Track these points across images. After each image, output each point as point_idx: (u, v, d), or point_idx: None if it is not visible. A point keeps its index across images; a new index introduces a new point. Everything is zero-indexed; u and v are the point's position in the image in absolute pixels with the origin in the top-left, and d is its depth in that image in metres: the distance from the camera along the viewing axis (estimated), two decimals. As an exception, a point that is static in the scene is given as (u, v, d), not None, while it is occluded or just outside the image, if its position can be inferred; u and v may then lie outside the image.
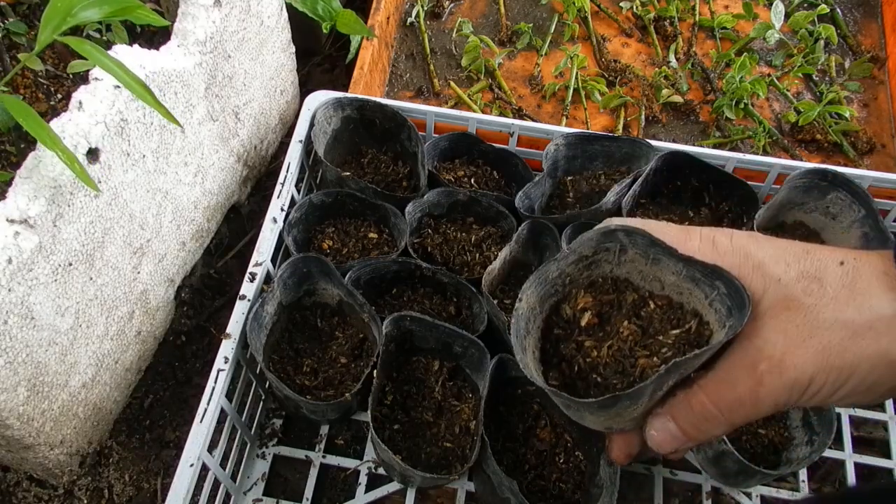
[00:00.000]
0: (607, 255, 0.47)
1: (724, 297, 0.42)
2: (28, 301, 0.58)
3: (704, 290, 0.44)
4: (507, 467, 0.70)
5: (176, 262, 0.83)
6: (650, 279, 0.47)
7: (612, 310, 0.47)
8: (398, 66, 1.13)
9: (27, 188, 0.57)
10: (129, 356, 0.78)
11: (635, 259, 0.46)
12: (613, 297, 0.48)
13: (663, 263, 0.45)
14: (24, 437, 0.65)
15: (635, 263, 0.47)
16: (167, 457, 0.79)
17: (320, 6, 0.99)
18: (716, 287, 0.43)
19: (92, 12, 0.59)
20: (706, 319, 0.44)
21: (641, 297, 0.47)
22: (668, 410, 0.44)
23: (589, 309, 0.47)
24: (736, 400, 0.41)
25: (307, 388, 0.73)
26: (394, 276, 0.80)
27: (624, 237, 0.46)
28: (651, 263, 0.46)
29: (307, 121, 0.85)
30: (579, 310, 0.48)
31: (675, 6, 1.18)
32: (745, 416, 0.42)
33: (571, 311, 0.48)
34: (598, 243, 0.46)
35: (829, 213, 0.82)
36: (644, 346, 0.45)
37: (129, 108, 0.64)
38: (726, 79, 1.08)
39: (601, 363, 0.46)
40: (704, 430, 0.43)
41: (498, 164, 0.90)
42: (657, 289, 0.47)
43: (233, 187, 0.91)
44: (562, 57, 1.11)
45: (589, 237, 0.46)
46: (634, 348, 0.45)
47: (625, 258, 0.47)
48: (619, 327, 0.46)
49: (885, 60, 1.16)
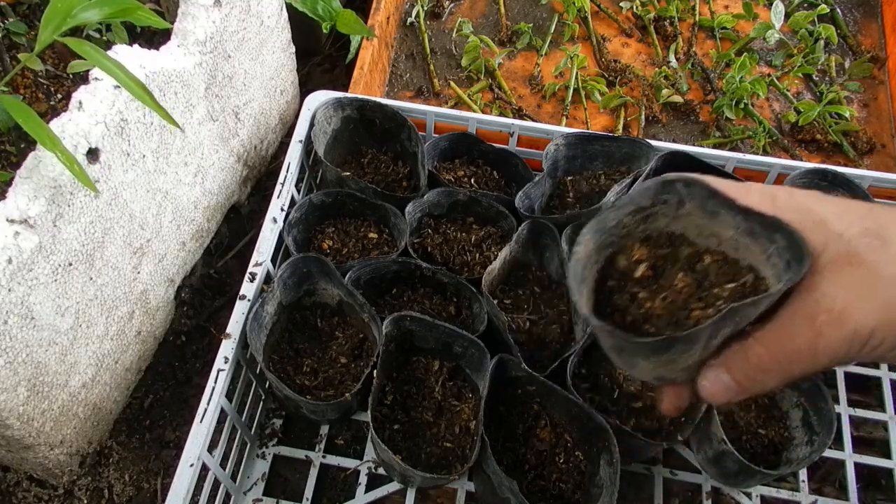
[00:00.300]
0: (665, 207, 0.46)
1: (782, 250, 0.42)
2: (28, 301, 0.58)
3: (762, 245, 0.43)
4: (507, 467, 0.70)
5: (176, 262, 0.83)
6: (706, 235, 0.46)
7: (667, 263, 0.47)
8: (398, 66, 1.13)
9: (27, 188, 0.57)
10: (129, 356, 0.78)
11: (693, 212, 0.46)
12: (668, 251, 0.47)
13: (721, 217, 0.45)
14: (24, 437, 0.65)
15: (692, 217, 0.46)
16: (167, 457, 0.79)
17: (320, 6, 0.99)
18: (775, 240, 0.42)
19: (92, 13, 0.59)
20: (763, 275, 0.44)
21: (697, 251, 0.47)
22: (722, 362, 0.44)
23: (644, 261, 0.47)
24: (794, 351, 0.41)
25: (307, 388, 0.73)
26: (394, 276, 0.80)
27: (683, 188, 0.45)
28: (709, 217, 0.45)
29: (307, 121, 0.85)
30: (634, 262, 0.47)
31: (675, 6, 1.18)
32: (802, 368, 0.42)
33: (626, 263, 0.48)
34: (657, 194, 0.46)
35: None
36: (699, 298, 0.45)
37: (129, 108, 0.64)
38: (726, 79, 1.08)
39: (654, 314, 0.46)
40: (759, 382, 0.43)
41: (498, 164, 0.90)
42: (713, 245, 0.46)
43: (233, 187, 0.91)
44: (562, 57, 1.11)
45: (647, 186, 0.46)
46: (689, 300, 0.45)
47: (682, 211, 0.46)
48: (673, 280, 0.46)
49: (885, 60, 1.16)
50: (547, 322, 0.78)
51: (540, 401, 0.73)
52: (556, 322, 0.77)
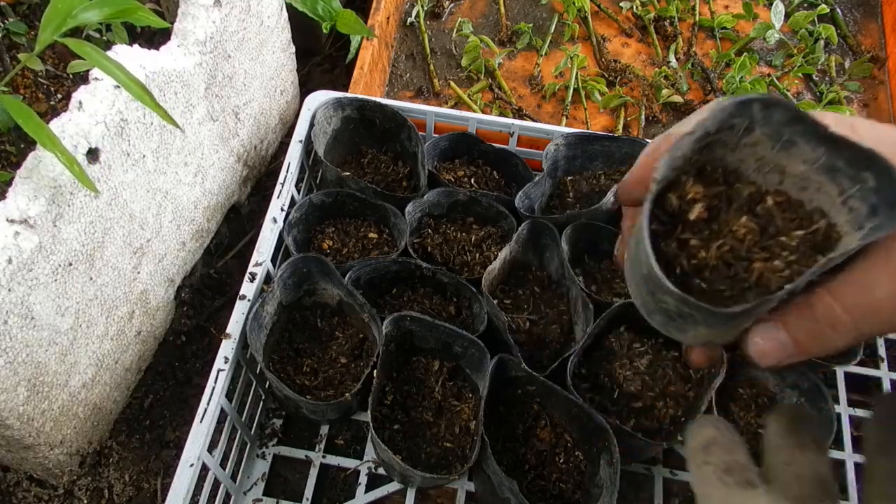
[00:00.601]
0: (729, 133, 0.40)
1: (869, 192, 0.36)
2: (28, 301, 0.58)
3: (842, 184, 0.38)
4: (507, 467, 0.70)
5: (176, 262, 0.83)
6: (767, 170, 0.40)
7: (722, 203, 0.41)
8: (398, 66, 1.13)
9: (27, 188, 0.57)
10: (129, 356, 0.78)
11: (759, 142, 0.40)
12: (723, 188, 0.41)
13: (797, 148, 0.39)
14: (24, 437, 0.65)
15: (756, 148, 0.40)
16: (167, 457, 0.79)
17: (320, 6, 0.99)
18: (862, 179, 0.37)
19: (92, 14, 0.59)
20: (834, 221, 0.39)
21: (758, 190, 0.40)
22: (779, 317, 0.39)
23: (699, 200, 0.41)
24: (871, 304, 0.36)
25: (307, 388, 0.73)
26: (394, 276, 0.80)
27: (759, 111, 0.39)
28: (779, 148, 0.39)
29: (307, 121, 0.85)
30: (688, 200, 0.41)
31: (675, 6, 1.18)
32: (878, 324, 0.37)
33: (678, 202, 0.41)
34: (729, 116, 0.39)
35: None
36: (763, 247, 0.39)
37: (129, 108, 0.64)
38: (726, 79, 1.08)
39: (708, 266, 0.40)
40: (825, 339, 0.38)
41: (498, 164, 0.90)
42: (773, 182, 0.40)
43: (233, 187, 0.91)
44: (562, 57, 1.11)
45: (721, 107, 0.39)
46: (752, 249, 0.39)
47: (746, 140, 0.40)
48: (731, 225, 0.40)
49: (885, 60, 1.16)
50: (547, 322, 0.78)
51: (540, 401, 0.73)
52: (556, 322, 0.77)
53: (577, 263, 0.82)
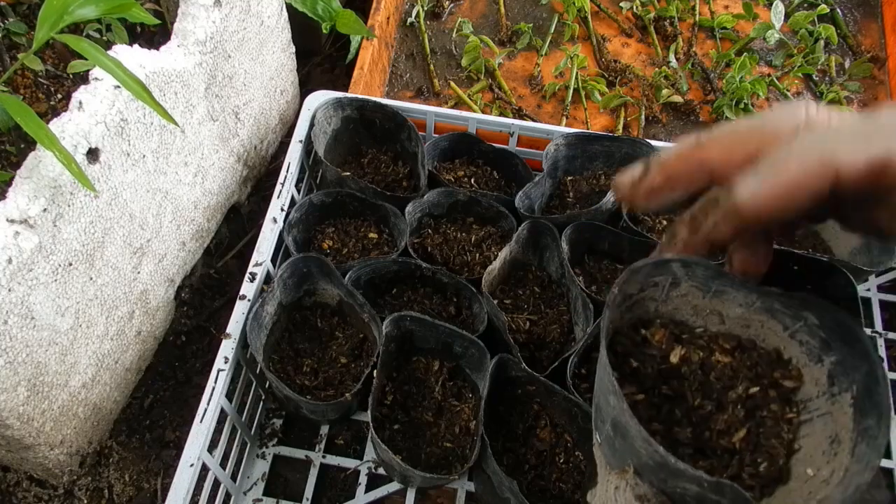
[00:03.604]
0: (654, 290, 0.40)
1: (814, 327, 0.36)
2: (28, 301, 0.58)
3: (784, 322, 0.38)
4: (507, 467, 0.70)
5: (176, 262, 0.83)
6: (706, 313, 0.40)
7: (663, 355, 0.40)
8: (398, 66, 1.13)
9: (27, 188, 0.57)
10: (129, 356, 0.78)
11: (689, 292, 0.40)
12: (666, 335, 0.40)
13: (729, 295, 0.39)
14: (24, 437, 0.65)
15: (688, 297, 0.40)
16: (167, 457, 0.79)
17: (320, 6, 0.99)
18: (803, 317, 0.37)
19: (88, 10, 0.59)
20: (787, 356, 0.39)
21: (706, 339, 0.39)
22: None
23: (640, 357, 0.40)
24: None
25: (307, 388, 0.73)
26: (394, 276, 0.80)
27: (680, 269, 0.39)
28: (711, 297, 0.39)
29: (307, 121, 0.85)
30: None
31: (675, 6, 1.18)
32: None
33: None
34: (647, 277, 0.39)
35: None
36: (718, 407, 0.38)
37: (129, 108, 0.64)
38: (726, 79, 1.08)
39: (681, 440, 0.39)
40: None
41: (498, 164, 0.90)
42: (714, 324, 0.40)
43: (233, 187, 0.91)
44: (562, 57, 1.11)
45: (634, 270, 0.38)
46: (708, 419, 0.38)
47: (675, 293, 0.40)
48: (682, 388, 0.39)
49: (885, 60, 1.16)
50: (547, 322, 0.78)
51: (540, 401, 0.73)
52: (556, 322, 0.77)
53: (577, 263, 0.82)
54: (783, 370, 0.39)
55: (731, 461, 0.37)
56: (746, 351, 0.39)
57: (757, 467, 0.37)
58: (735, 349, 0.40)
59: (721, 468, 0.37)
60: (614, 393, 0.34)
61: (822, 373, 0.37)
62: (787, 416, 0.38)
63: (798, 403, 0.38)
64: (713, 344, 0.40)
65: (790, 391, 0.38)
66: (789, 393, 0.38)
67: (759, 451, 0.37)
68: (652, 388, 0.39)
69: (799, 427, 0.38)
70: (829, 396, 0.37)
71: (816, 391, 0.37)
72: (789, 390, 0.38)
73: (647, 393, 0.39)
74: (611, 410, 0.36)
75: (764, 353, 0.39)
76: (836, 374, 0.36)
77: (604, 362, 0.36)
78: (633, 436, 0.34)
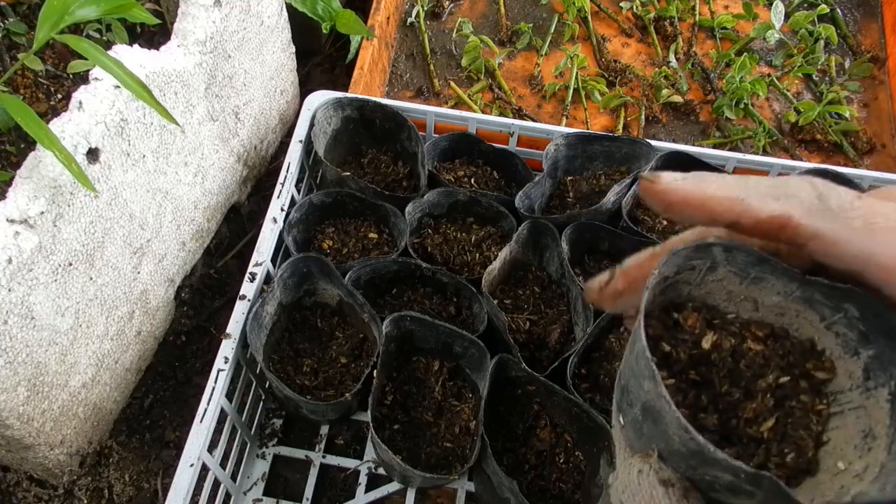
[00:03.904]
0: (690, 274, 0.39)
1: (854, 320, 0.36)
2: (28, 301, 0.58)
3: (823, 312, 0.37)
4: (507, 467, 0.70)
5: (176, 262, 0.83)
6: (739, 300, 0.39)
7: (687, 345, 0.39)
8: (398, 66, 1.13)
9: (27, 188, 0.57)
10: (129, 356, 0.78)
11: (725, 277, 0.38)
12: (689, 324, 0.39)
13: (768, 282, 0.38)
14: (24, 437, 0.65)
15: (723, 282, 0.39)
16: (167, 457, 0.79)
17: (320, 6, 0.99)
18: (844, 309, 0.36)
19: (88, 10, 0.59)
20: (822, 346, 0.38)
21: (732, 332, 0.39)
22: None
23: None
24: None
25: (307, 388, 0.73)
26: (394, 276, 0.80)
27: (721, 254, 0.37)
28: (748, 283, 0.38)
29: (307, 121, 0.85)
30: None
31: (675, 6, 1.18)
32: None
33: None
34: (686, 260, 0.38)
35: (830, 213, 0.82)
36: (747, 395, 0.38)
37: (129, 108, 0.64)
38: (726, 79, 1.08)
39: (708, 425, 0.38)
40: None
41: (498, 164, 0.90)
42: (747, 311, 0.39)
43: (233, 187, 0.91)
44: (562, 57, 1.11)
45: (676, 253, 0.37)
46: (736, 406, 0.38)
47: (711, 277, 0.39)
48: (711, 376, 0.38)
49: (885, 60, 1.16)
50: (547, 322, 0.78)
51: (540, 401, 0.73)
52: (556, 322, 0.77)
53: (577, 263, 0.82)
54: (816, 361, 0.38)
55: (757, 450, 0.37)
56: (779, 340, 0.39)
57: (784, 457, 0.37)
58: (767, 337, 0.39)
59: (747, 456, 0.37)
60: (651, 378, 0.34)
61: (857, 366, 0.36)
62: (816, 407, 0.38)
63: (829, 395, 0.38)
64: (745, 331, 0.39)
65: (821, 382, 0.38)
66: (820, 384, 0.38)
67: (787, 442, 0.37)
68: (680, 372, 0.39)
69: (829, 419, 0.37)
70: (864, 391, 0.36)
71: (850, 384, 0.37)
72: (820, 381, 0.38)
73: (675, 377, 0.39)
74: (643, 394, 0.35)
75: (797, 343, 0.39)
76: (872, 367, 0.35)
77: (642, 346, 0.35)
78: (667, 422, 0.34)
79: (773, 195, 0.33)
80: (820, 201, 0.33)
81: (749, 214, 0.34)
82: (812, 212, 0.33)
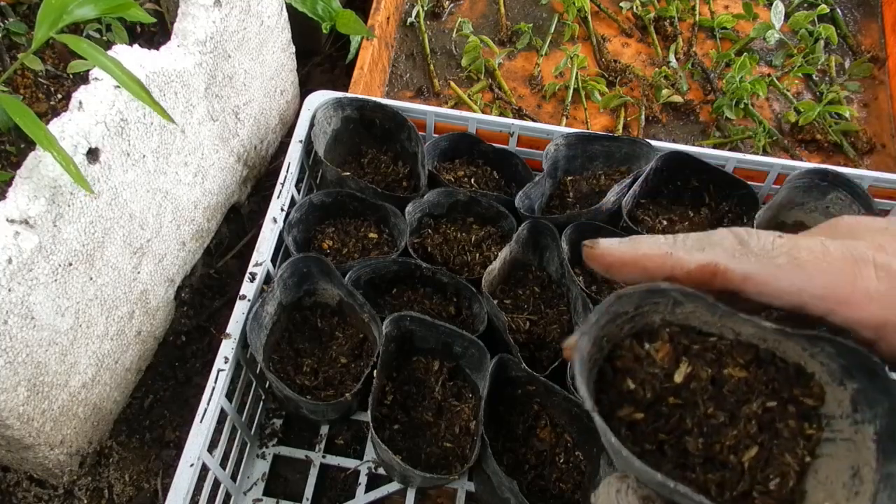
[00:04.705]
0: (656, 306, 0.38)
1: (833, 355, 0.35)
2: (28, 301, 0.58)
3: (802, 344, 0.36)
4: (507, 467, 0.70)
5: (176, 262, 0.83)
6: (717, 326, 0.38)
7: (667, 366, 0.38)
8: (398, 66, 1.13)
9: (27, 188, 0.57)
10: (129, 356, 0.78)
11: (696, 310, 0.38)
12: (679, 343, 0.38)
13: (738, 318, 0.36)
14: (24, 437, 0.65)
15: (695, 313, 0.38)
16: (167, 457, 0.79)
17: (320, 6, 0.99)
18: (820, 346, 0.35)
19: (87, 9, 0.59)
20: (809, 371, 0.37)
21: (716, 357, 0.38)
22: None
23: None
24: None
25: (307, 388, 0.73)
26: (394, 276, 0.80)
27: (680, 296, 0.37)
28: (721, 316, 0.37)
29: (307, 121, 0.85)
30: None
31: (675, 6, 1.18)
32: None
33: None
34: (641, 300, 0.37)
35: (829, 214, 0.82)
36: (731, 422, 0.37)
37: (129, 108, 0.64)
38: (726, 79, 1.08)
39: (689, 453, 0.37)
40: None
41: (498, 164, 0.90)
42: (729, 334, 0.38)
43: (233, 187, 0.91)
44: (562, 57, 1.11)
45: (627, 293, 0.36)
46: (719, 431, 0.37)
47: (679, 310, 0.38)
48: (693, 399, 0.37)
49: (885, 60, 1.16)
50: (547, 322, 0.78)
51: (540, 401, 0.73)
52: (556, 322, 0.77)
53: (577, 263, 0.82)
54: (804, 388, 0.37)
55: (742, 476, 0.36)
56: (763, 365, 0.38)
57: (767, 484, 0.36)
58: (751, 363, 0.38)
59: (733, 481, 0.36)
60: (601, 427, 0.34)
61: (845, 395, 0.35)
62: (806, 431, 0.37)
63: (822, 418, 0.36)
64: (727, 356, 0.38)
65: (811, 408, 0.37)
66: (810, 409, 0.37)
67: (772, 466, 0.36)
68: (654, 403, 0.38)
69: (820, 444, 0.36)
70: (853, 422, 0.35)
71: (840, 412, 0.36)
72: (810, 407, 0.37)
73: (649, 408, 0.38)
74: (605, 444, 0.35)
75: (783, 369, 0.37)
76: (858, 401, 0.34)
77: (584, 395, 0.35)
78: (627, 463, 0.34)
79: (697, 247, 0.35)
80: (742, 246, 0.35)
81: (680, 266, 0.35)
82: (736, 256, 0.34)
